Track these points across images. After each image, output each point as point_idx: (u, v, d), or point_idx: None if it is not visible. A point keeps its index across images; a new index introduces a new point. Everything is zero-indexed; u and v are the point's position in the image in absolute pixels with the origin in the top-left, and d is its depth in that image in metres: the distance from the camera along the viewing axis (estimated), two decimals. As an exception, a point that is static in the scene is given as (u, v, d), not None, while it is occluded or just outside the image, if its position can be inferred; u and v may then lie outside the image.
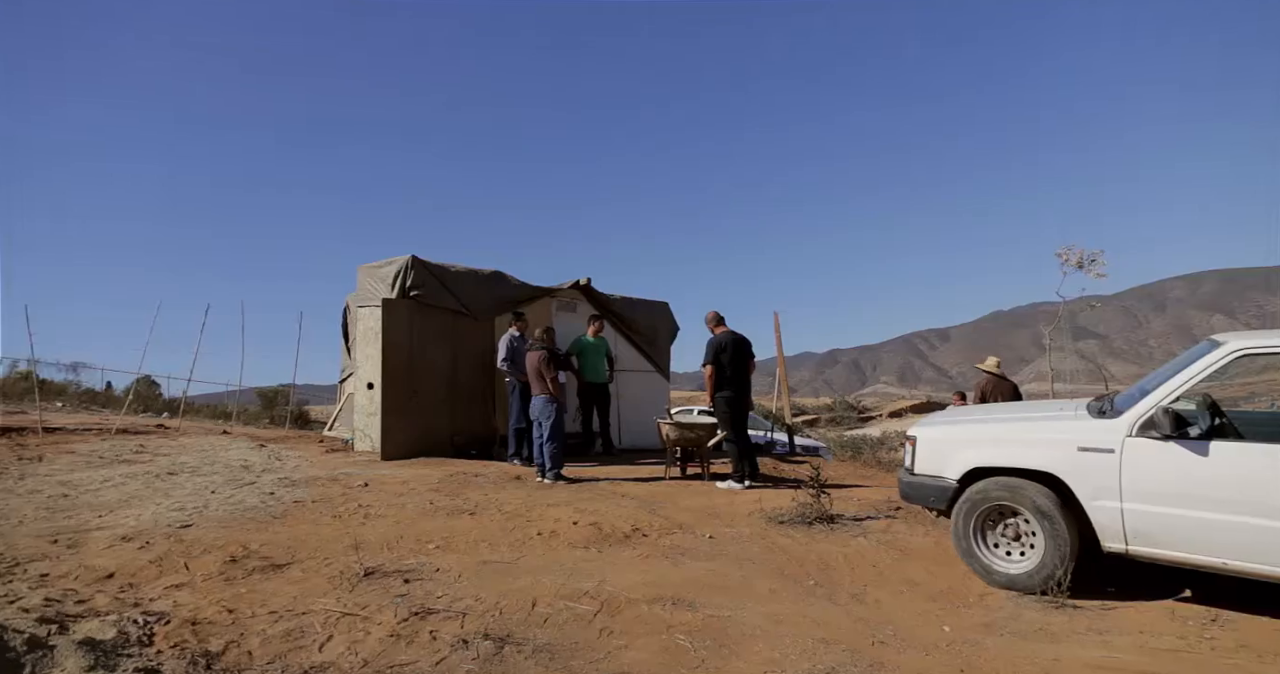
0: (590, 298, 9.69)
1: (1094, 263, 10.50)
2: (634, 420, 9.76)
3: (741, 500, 5.93)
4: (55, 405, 14.50)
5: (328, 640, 2.78)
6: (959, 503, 3.99)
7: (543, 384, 6.61)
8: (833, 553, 4.41)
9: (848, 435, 20.31)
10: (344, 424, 9.70)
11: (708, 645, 2.89)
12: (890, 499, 6.02)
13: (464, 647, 2.73)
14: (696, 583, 3.71)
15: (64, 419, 11.64)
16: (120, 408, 13.66)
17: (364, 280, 8.50)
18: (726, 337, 6.75)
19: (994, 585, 3.82)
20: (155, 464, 7.27)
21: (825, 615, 3.35)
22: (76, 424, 10.73)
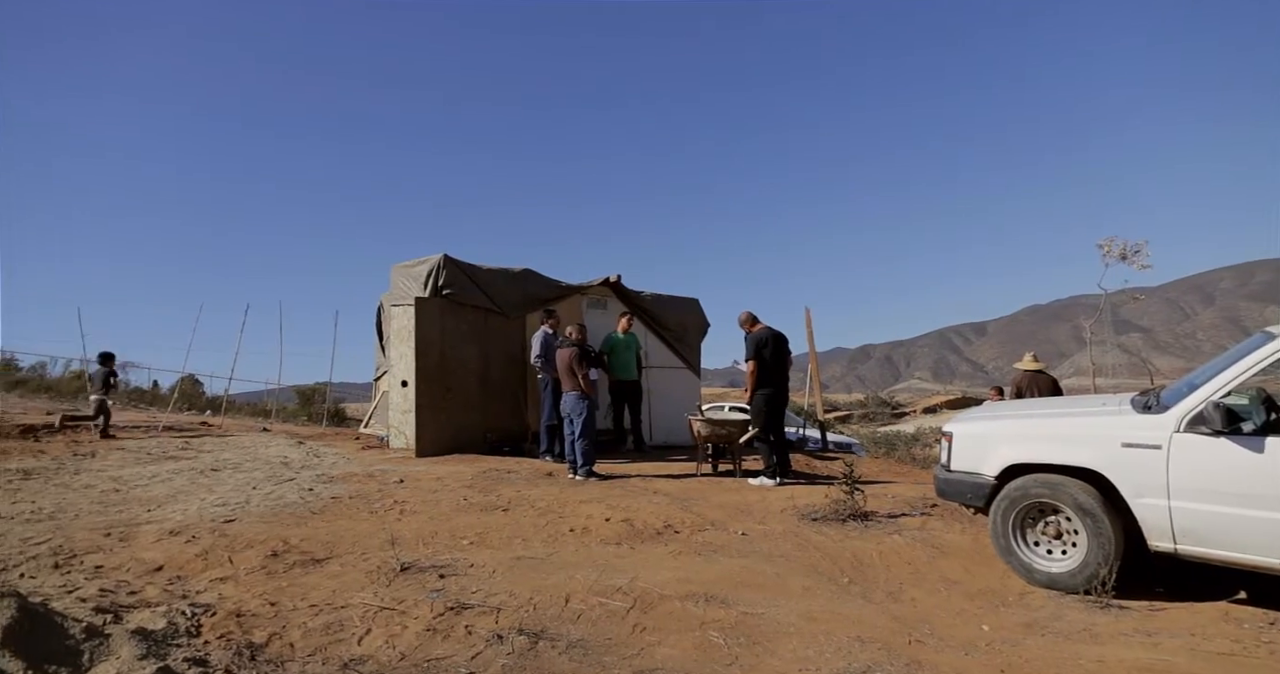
0: (620, 295, 9.70)
1: (1138, 254, 10.16)
2: (665, 417, 9.76)
3: (774, 497, 5.89)
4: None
5: (366, 634, 2.83)
6: (997, 500, 3.91)
7: (574, 381, 6.64)
8: (867, 550, 4.36)
9: (881, 432, 20.04)
10: (379, 421, 9.87)
11: (741, 642, 2.88)
12: (926, 496, 5.92)
13: (499, 642, 2.75)
14: (729, 580, 3.69)
15: (115, 416, 12.04)
16: (166, 406, 14.09)
17: (397, 279, 8.62)
18: (766, 332, 6.72)
19: (1035, 584, 3.73)
20: (199, 461, 7.49)
21: (860, 613, 3.31)
22: (126, 422, 11.11)
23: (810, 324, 10.37)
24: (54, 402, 13.95)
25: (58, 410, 10.96)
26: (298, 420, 15.79)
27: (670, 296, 10.34)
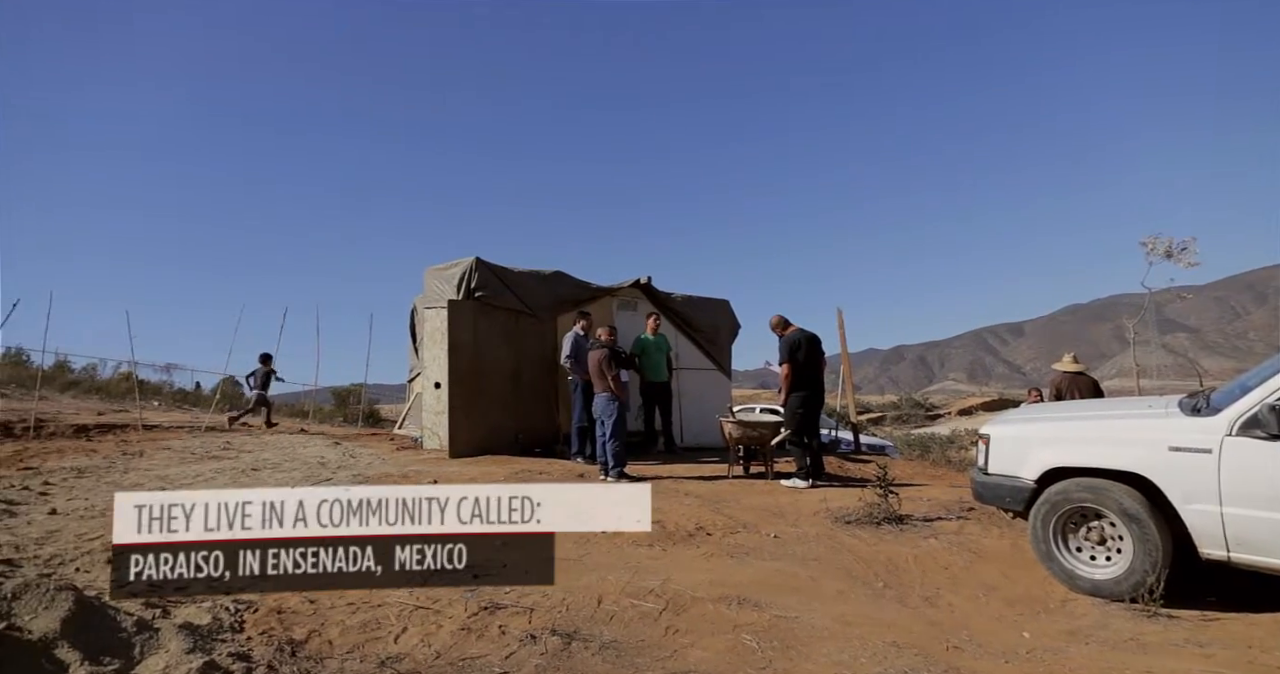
0: (651, 296, 9.71)
1: (1184, 251, 9.83)
2: (696, 419, 9.73)
3: (806, 499, 5.84)
4: (152, 404, 15.47)
5: (402, 632, 2.88)
6: (1037, 504, 3.82)
7: (604, 382, 6.66)
8: (902, 554, 4.29)
9: (915, 434, 19.73)
10: (413, 422, 10.01)
11: (775, 646, 2.86)
12: (962, 499, 5.81)
13: (532, 642, 2.77)
14: (762, 582, 3.67)
15: (160, 417, 12.43)
16: (209, 407, 14.47)
17: (430, 282, 8.74)
18: (800, 335, 6.67)
19: (1077, 591, 3.64)
20: (240, 461, 7.67)
21: (896, 618, 3.26)
22: (171, 422, 11.45)
23: (842, 325, 10.25)
24: (104, 402, 14.44)
25: (108, 410, 11.34)
26: (334, 421, 16.11)
27: (701, 298, 10.32)
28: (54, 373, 16.54)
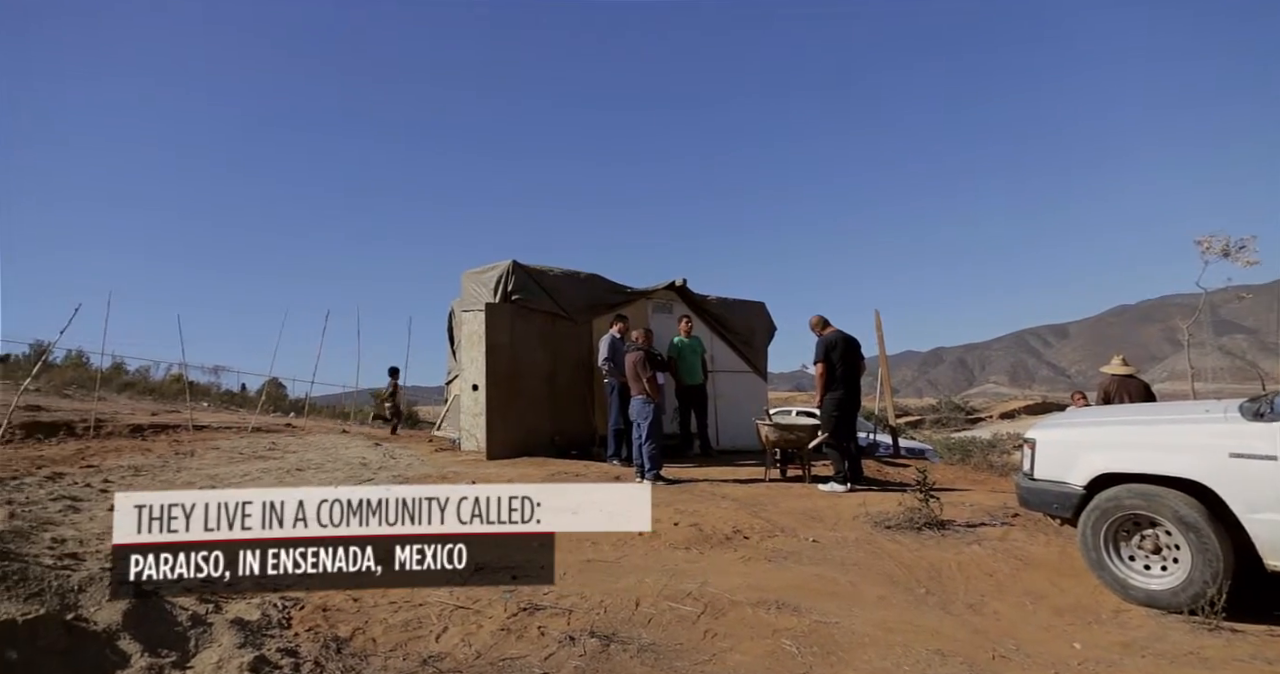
0: (686, 299, 9.69)
1: (1243, 250, 9.43)
2: (731, 421, 9.68)
3: (845, 504, 5.76)
4: (201, 405, 15.99)
5: (443, 631, 2.92)
6: (1087, 511, 3.70)
7: (640, 385, 6.66)
8: (945, 560, 4.21)
9: (955, 437, 19.31)
10: (451, 424, 10.15)
11: (815, 651, 2.82)
12: (1006, 505, 5.67)
13: (571, 643, 2.79)
14: (801, 587, 3.63)
15: (209, 417, 12.83)
16: (254, 408, 14.89)
17: (468, 285, 8.86)
18: (837, 335, 6.61)
19: (1131, 602, 3.51)
20: (285, 461, 7.88)
21: (939, 625, 3.19)
22: (219, 422, 11.81)
23: (880, 327, 10.11)
24: (157, 403, 14.96)
25: (161, 411, 11.74)
26: (374, 423, 16.43)
27: (736, 300, 10.27)
28: (111, 374, 17.20)
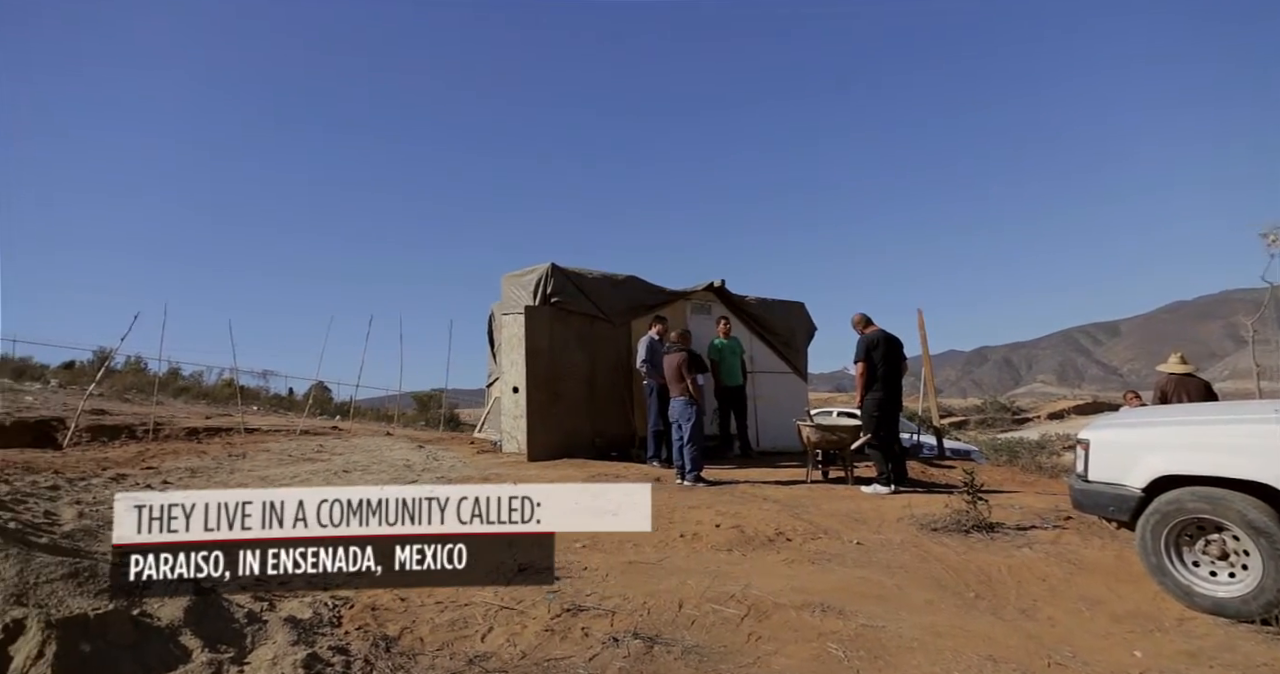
0: (724, 299, 9.66)
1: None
2: (772, 422, 9.61)
3: (889, 505, 5.66)
4: (252, 408, 16.49)
5: (489, 631, 2.95)
6: (1146, 514, 3.56)
7: (682, 386, 6.65)
8: (994, 564, 4.10)
9: (1001, 438, 18.84)
10: (492, 426, 10.28)
11: (861, 656, 2.78)
12: (1058, 507, 5.51)
13: (615, 645, 2.79)
14: (846, 590, 3.57)
15: (259, 420, 13.23)
16: (302, 411, 15.30)
17: (507, 289, 8.96)
18: (879, 335, 6.51)
19: (1196, 609, 3.37)
20: (332, 463, 8.07)
21: (991, 631, 3.11)
22: (269, 425, 12.16)
23: (923, 326, 9.92)
24: (210, 406, 15.48)
25: (214, 414, 12.15)
26: (416, 425, 16.73)
27: (776, 300, 10.20)
28: (168, 379, 17.88)
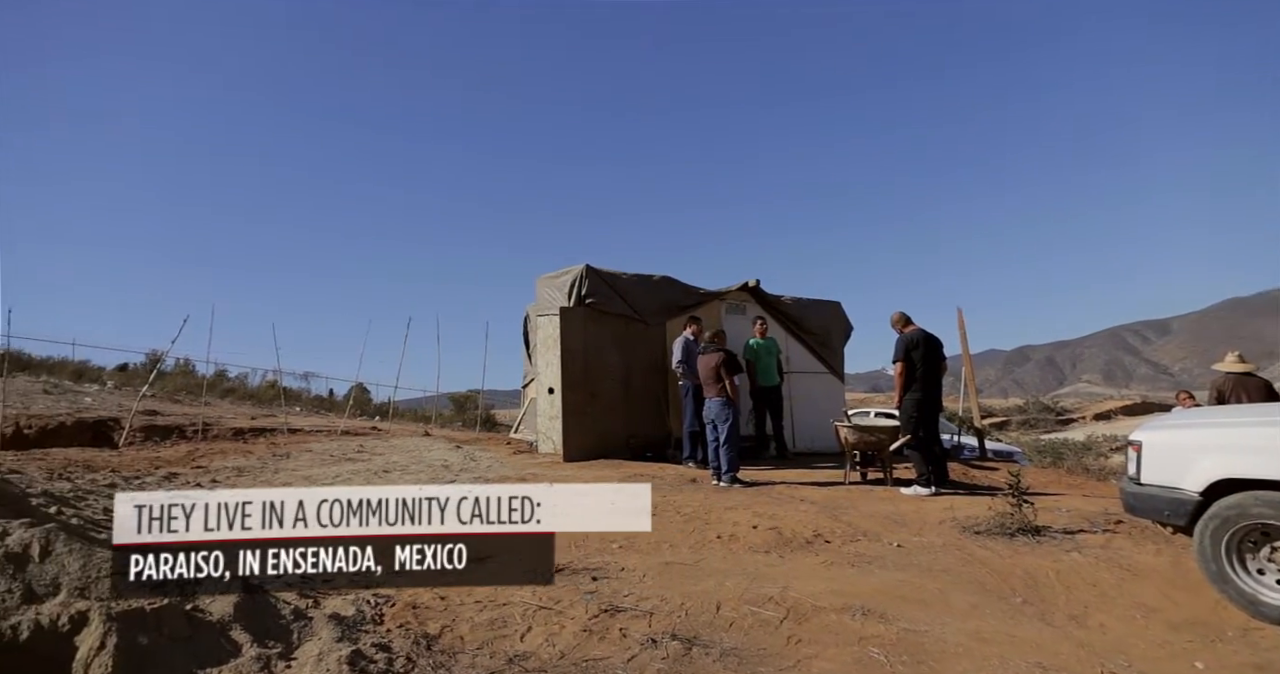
0: (759, 299, 9.60)
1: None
2: (808, 423, 9.51)
3: (930, 508, 5.55)
4: (294, 409, 16.90)
5: (527, 631, 2.97)
6: (1204, 519, 3.42)
7: (719, 387, 6.61)
8: (1041, 568, 3.98)
9: (1045, 439, 18.33)
10: (528, 427, 10.36)
11: (904, 661, 2.73)
12: (1107, 511, 5.33)
13: (653, 646, 2.79)
14: (887, 593, 3.51)
15: (301, 421, 13.55)
16: (342, 412, 15.64)
17: (542, 290, 9.03)
18: (918, 334, 6.40)
19: (1262, 619, 3.22)
20: (372, 463, 8.23)
21: (1039, 637, 3.03)
22: (311, 426, 12.45)
23: (963, 325, 9.71)
24: (255, 407, 15.91)
25: (259, 415, 12.48)
26: (453, 426, 16.95)
27: (811, 300, 10.10)
28: (215, 381, 18.44)
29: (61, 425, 10.26)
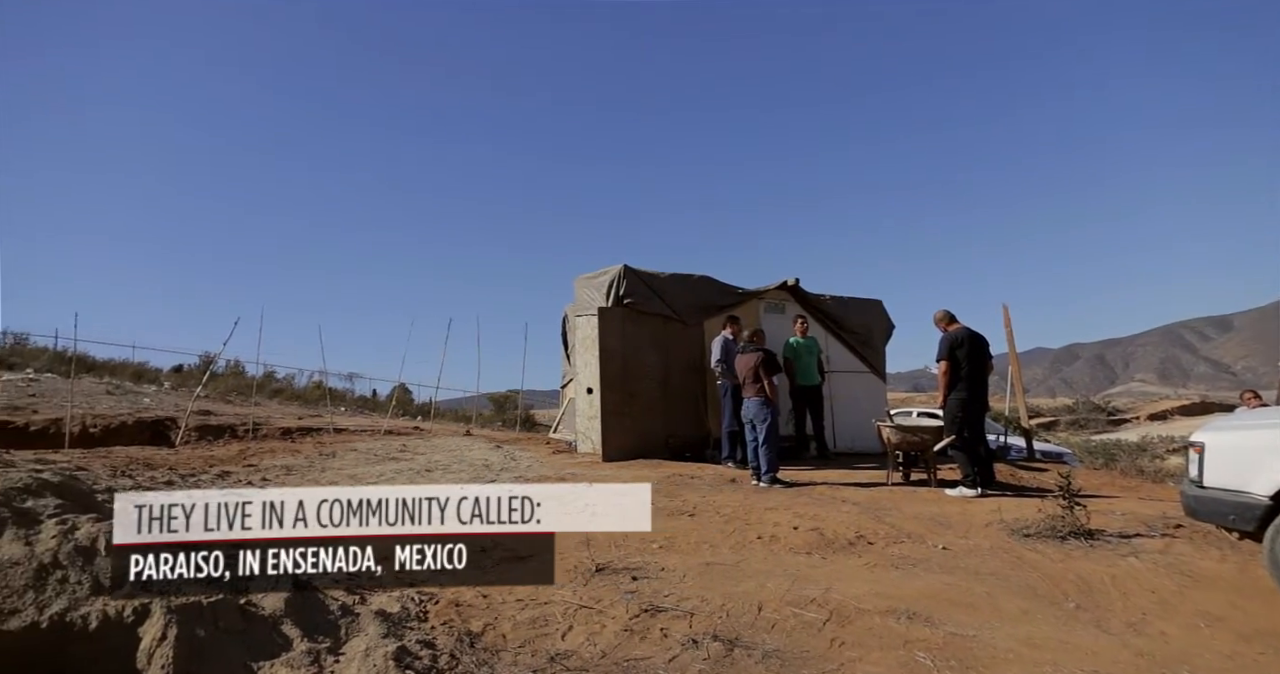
0: (799, 298, 9.49)
1: None
2: (849, 423, 9.38)
3: (976, 509, 5.41)
4: (339, 409, 17.32)
5: (569, 630, 2.99)
6: (1274, 525, 3.27)
7: (758, 387, 6.56)
8: (1096, 573, 3.85)
9: (1095, 440, 17.75)
10: (567, 427, 10.42)
11: (952, 666, 2.67)
12: (1165, 514, 5.13)
13: (694, 646, 2.78)
14: (933, 596, 3.44)
15: (346, 421, 13.88)
16: (385, 412, 15.95)
17: (580, 290, 9.08)
18: (963, 332, 6.26)
19: (1336, 630, 3.07)
20: (415, 462, 8.37)
21: (1095, 644, 2.93)
22: (355, 426, 12.74)
23: (1009, 322, 9.46)
24: (302, 408, 16.34)
25: (306, 415, 12.82)
26: (493, 426, 17.17)
27: (852, 298, 9.96)
28: (264, 382, 19.00)
29: (123, 425, 10.73)
